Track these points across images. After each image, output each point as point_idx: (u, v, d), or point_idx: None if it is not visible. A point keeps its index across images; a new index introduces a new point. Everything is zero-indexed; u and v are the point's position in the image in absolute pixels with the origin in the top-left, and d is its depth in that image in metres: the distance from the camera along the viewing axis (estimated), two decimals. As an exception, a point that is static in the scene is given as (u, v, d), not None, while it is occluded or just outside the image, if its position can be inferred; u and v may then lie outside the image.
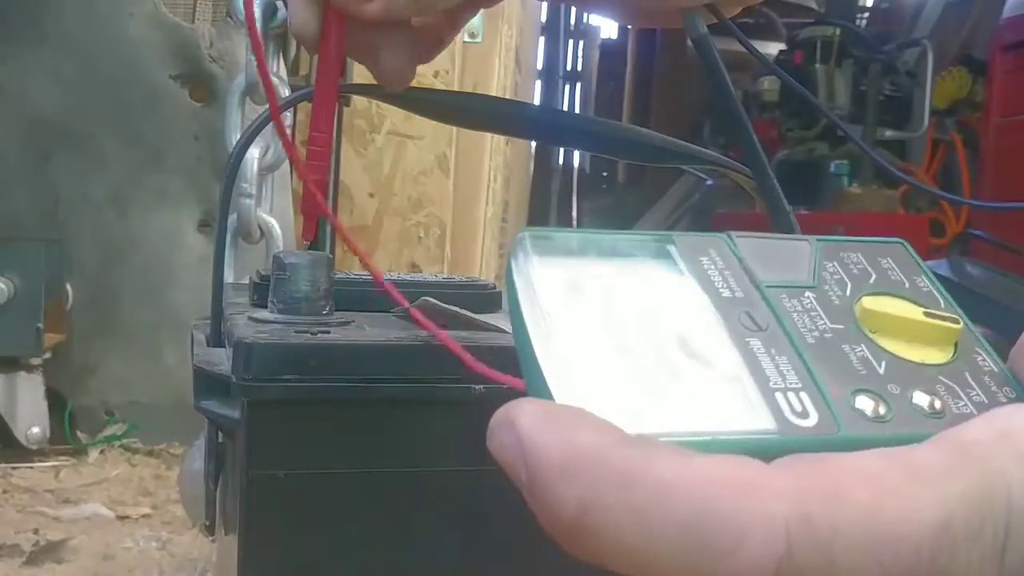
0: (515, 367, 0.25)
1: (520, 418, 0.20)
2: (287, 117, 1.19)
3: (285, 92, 1.13)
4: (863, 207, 3.12)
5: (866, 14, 4.33)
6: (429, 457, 0.38)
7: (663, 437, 0.21)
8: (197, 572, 0.99)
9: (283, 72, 1.22)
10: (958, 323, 0.27)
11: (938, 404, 0.24)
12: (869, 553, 0.18)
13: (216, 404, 0.39)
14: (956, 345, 0.26)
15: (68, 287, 1.37)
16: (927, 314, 0.27)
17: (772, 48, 3.91)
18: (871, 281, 0.28)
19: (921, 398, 0.25)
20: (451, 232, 1.60)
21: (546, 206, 3.84)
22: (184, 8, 1.41)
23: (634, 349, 0.24)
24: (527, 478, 0.19)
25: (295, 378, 0.36)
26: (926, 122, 3.38)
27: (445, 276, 0.57)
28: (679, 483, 0.18)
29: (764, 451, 0.21)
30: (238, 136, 1.10)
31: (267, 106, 0.41)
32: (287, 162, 1.27)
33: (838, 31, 3.49)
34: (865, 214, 3.07)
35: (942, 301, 0.28)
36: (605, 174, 4.48)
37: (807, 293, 0.27)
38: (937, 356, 0.26)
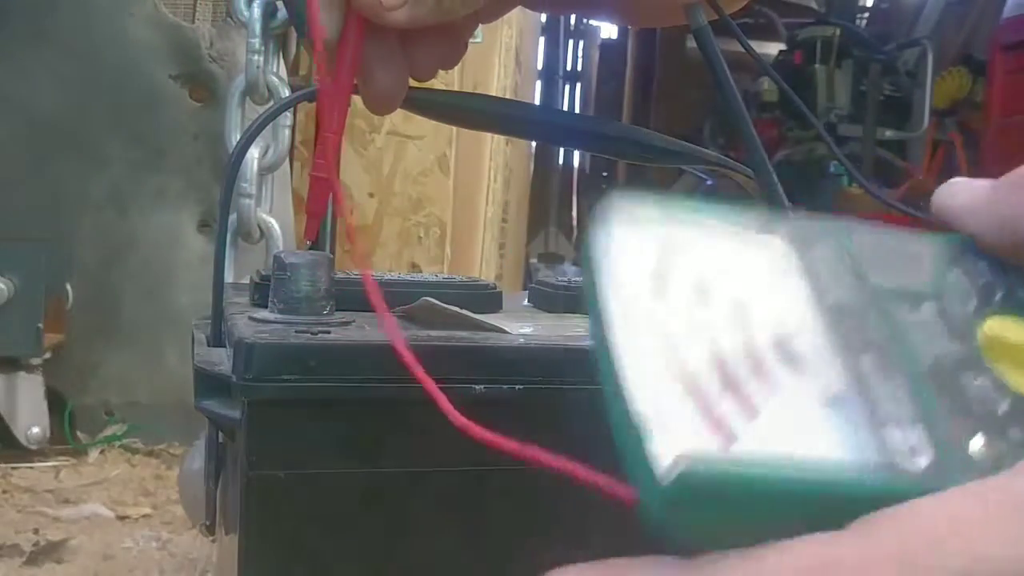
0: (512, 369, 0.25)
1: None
2: (287, 117, 1.19)
3: (285, 91, 1.13)
4: (863, 207, 3.13)
5: (866, 14, 4.33)
6: (429, 457, 0.38)
7: (754, 461, 0.19)
8: (197, 572, 0.98)
9: (283, 72, 1.22)
10: None
11: None
12: None
13: (216, 404, 0.39)
14: None
15: (68, 287, 1.37)
16: None
17: (772, 48, 3.92)
18: (998, 297, 0.24)
19: None
20: (451, 232, 1.60)
21: (546, 206, 3.84)
22: (184, 8, 1.41)
23: (726, 350, 0.21)
24: None
25: (295, 378, 0.36)
26: (926, 122, 3.38)
27: (445, 276, 0.57)
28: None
29: (862, 490, 0.19)
30: (238, 136, 1.10)
31: (267, 106, 0.41)
32: (287, 162, 1.27)
33: (838, 31, 3.49)
34: (865, 214, 3.08)
35: None
36: (605, 174, 4.48)
37: (926, 303, 0.23)
38: None
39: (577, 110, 4.82)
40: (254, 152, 1.14)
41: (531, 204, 3.22)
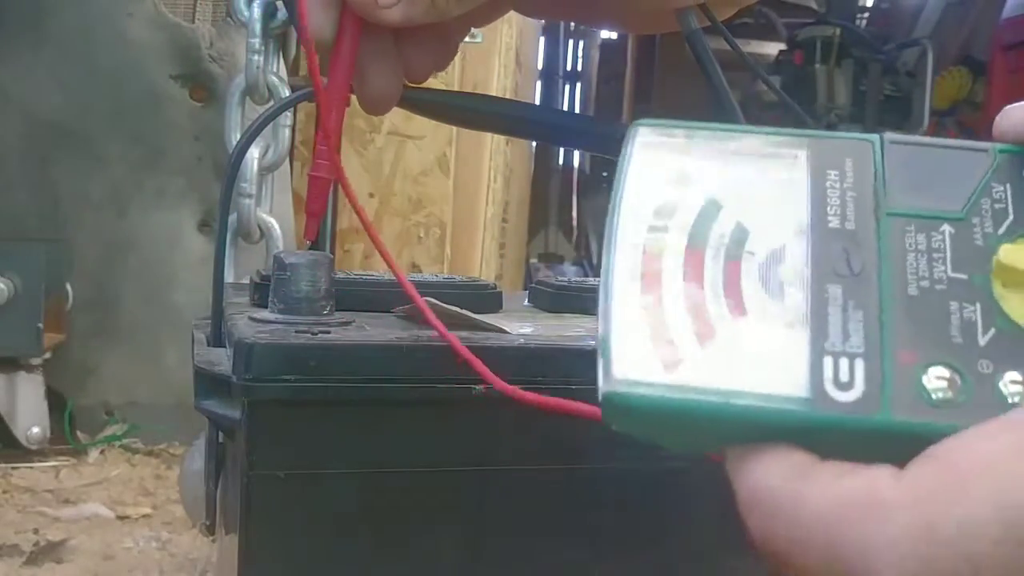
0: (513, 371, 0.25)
1: (727, 455, 0.22)
2: (287, 117, 1.19)
3: (285, 91, 1.13)
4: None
5: (866, 14, 4.33)
6: (429, 457, 0.38)
7: (694, 391, 0.21)
8: (197, 572, 0.98)
9: (283, 72, 1.22)
10: None
11: None
12: (1004, 543, 0.18)
13: (216, 404, 0.39)
14: None
15: (68, 287, 1.37)
16: None
17: (772, 48, 3.91)
18: None
19: (1013, 383, 0.21)
20: (451, 232, 1.60)
21: (546, 206, 3.84)
22: (184, 8, 1.41)
23: (707, 276, 0.22)
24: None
25: (295, 378, 0.36)
26: (926, 122, 3.37)
27: (445, 276, 0.57)
28: (817, 511, 0.20)
29: (786, 425, 0.21)
30: (238, 136, 1.10)
31: (267, 106, 0.41)
32: (287, 162, 1.27)
33: (838, 31, 3.49)
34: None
35: None
36: (605, 174, 4.47)
37: (944, 227, 0.23)
38: None
39: (577, 110, 4.82)
40: (254, 152, 1.14)
41: (531, 204, 3.22)
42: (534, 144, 2.78)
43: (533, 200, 3.30)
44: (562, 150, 4.01)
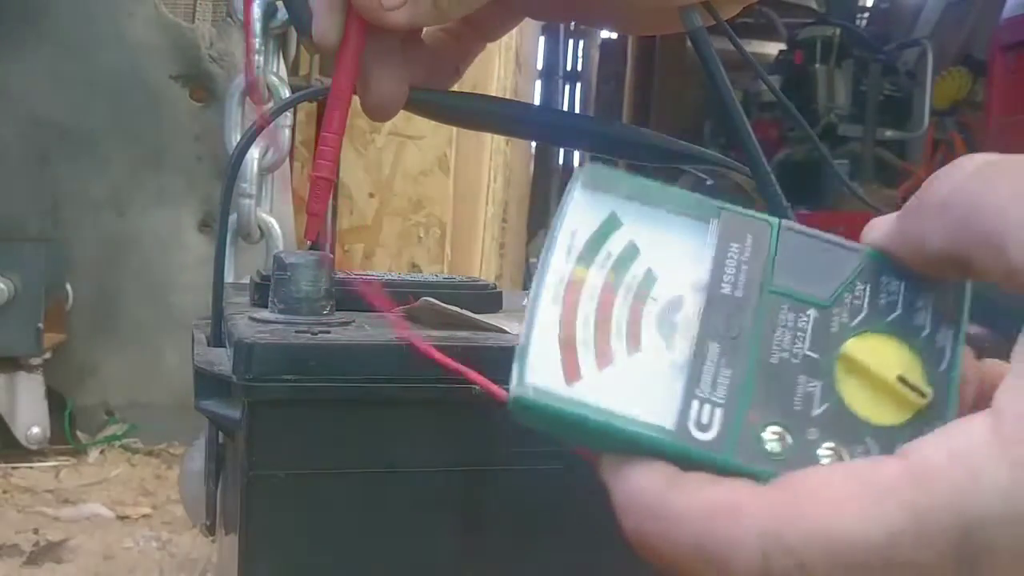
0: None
1: (602, 463, 0.26)
2: (287, 117, 1.19)
3: (285, 92, 1.13)
4: (863, 207, 3.12)
5: (866, 14, 4.33)
6: (429, 457, 0.38)
7: (584, 407, 0.26)
8: (197, 572, 0.99)
9: (283, 72, 1.22)
10: (925, 398, 0.26)
11: (840, 458, 0.25)
12: (831, 557, 0.22)
13: (217, 404, 0.39)
14: (918, 413, 0.26)
15: (68, 287, 1.37)
16: (900, 379, 0.26)
17: (772, 48, 3.91)
18: (890, 318, 0.27)
19: (827, 450, 0.26)
20: (451, 232, 1.60)
21: (546, 206, 3.84)
22: (184, 8, 1.41)
23: (615, 312, 0.27)
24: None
25: (296, 378, 0.36)
26: (926, 122, 3.38)
27: (445, 276, 0.57)
28: (687, 513, 0.24)
29: (653, 448, 0.25)
30: (238, 136, 1.10)
31: (267, 106, 0.41)
32: (287, 162, 1.27)
33: (838, 31, 3.49)
34: (865, 214, 3.06)
35: (945, 363, 0.27)
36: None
37: (811, 311, 0.27)
38: (889, 417, 0.26)
39: (577, 110, 4.82)
40: (254, 152, 1.14)
41: (531, 204, 3.22)
42: (534, 144, 2.78)
43: (533, 200, 3.30)
44: (562, 150, 4.01)
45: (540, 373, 0.26)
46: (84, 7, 1.39)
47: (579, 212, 0.29)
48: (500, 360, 0.37)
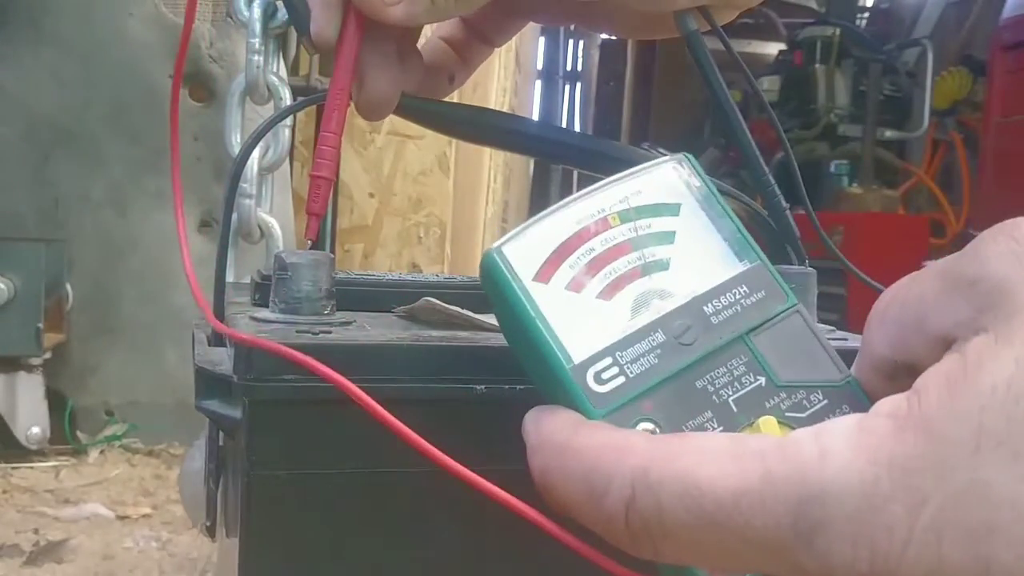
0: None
1: (524, 419, 0.29)
2: (287, 117, 1.19)
3: (285, 92, 1.13)
4: (863, 207, 3.12)
5: (866, 14, 4.33)
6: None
7: (532, 303, 0.28)
8: (197, 572, 0.99)
9: (283, 72, 1.22)
10: None
11: None
12: (682, 500, 0.24)
13: (217, 404, 0.39)
14: None
15: (68, 287, 1.37)
16: None
17: (772, 48, 3.92)
18: (785, 406, 0.29)
19: None
20: (451, 232, 1.60)
21: (546, 206, 3.84)
22: (184, 8, 1.41)
23: (617, 261, 0.29)
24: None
25: (296, 378, 0.36)
26: (926, 122, 3.38)
27: (445, 276, 0.57)
28: (583, 450, 0.26)
29: (550, 368, 0.28)
30: (238, 136, 1.10)
31: (267, 106, 0.41)
32: (287, 162, 1.27)
33: (838, 31, 3.49)
34: (865, 214, 3.07)
35: None
36: (605, 174, 4.47)
37: (761, 378, 0.28)
38: None
39: (577, 110, 4.82)
40: (254, 153, 1.14)
41: (531, 204, 3.22)
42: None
43: (533, 200, 3.30)
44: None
45: (521, 255, 0.29)
46: (84, 7, 1.39)
47: (655, 182, 0.31)
48: (501, 360, 0.37)
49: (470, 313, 0.43)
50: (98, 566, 0.99)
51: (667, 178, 0.31)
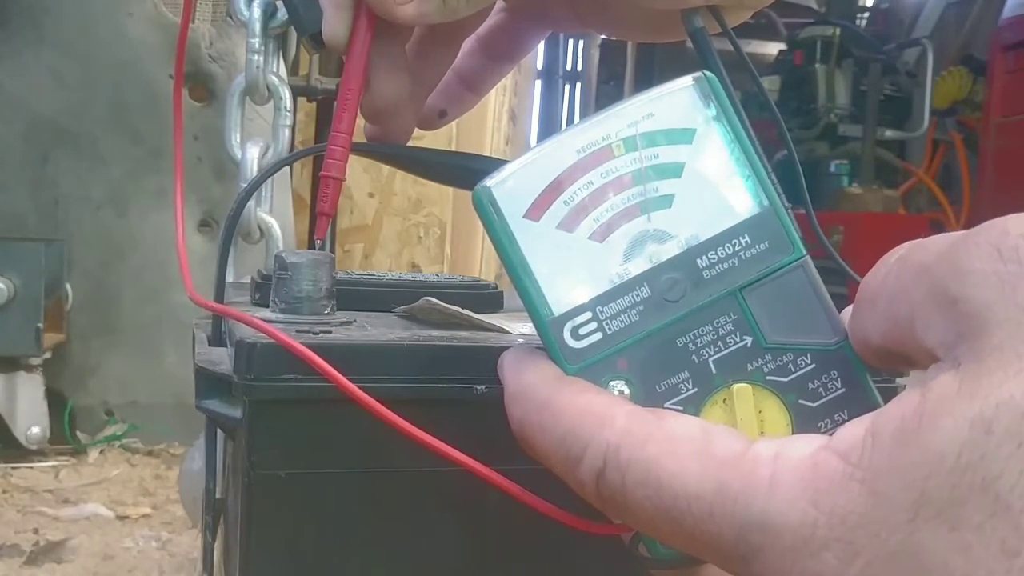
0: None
1: (502, 360, 0.29)
2: (287, 117, 1.19)
3: (285, 92, 1.13)
4: (863, 207, 3.12)
5: (866, 14, 4.33)
6: (429, 457, 0.38)
7: (520, 243, 0.27)
8: (197, 572, 0.98)
9: (283, 72, 1.22)
10: None
11: None
12: (643, 488, 0.24)
13: (217, 404, 0.39)
14: None
15: (68, 287, 1.37)
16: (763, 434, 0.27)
17: (772, 48, 3.92)
18: (800, 401, 0.27)
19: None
20: (451, 232, 1.60)
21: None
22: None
23: (614, 199, 0.27)
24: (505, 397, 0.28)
25: (296, 378, 0.36)
26: (926, 122, 3.38)
27: (446, 276, 0.57)
28: (563, 410, 0.26)
29: (529, 317, 0.27)
30: (238, 136, 1.09)
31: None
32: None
33: (838, 31, 3.49)
34: (865, 214, 3.07)
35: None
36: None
37: (748, 338, 0.27)
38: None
39: (577, 110, 4.82)
40: (254, 152, 1.14)
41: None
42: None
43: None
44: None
45: (513, 192, 0.28)
46: (84, 7, 1.39)
47: (670, 105, 0.28)
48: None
49: (470, 313, 0.43)
50: (98, 566, 0.99)
51: (683, 100, 0.28)
